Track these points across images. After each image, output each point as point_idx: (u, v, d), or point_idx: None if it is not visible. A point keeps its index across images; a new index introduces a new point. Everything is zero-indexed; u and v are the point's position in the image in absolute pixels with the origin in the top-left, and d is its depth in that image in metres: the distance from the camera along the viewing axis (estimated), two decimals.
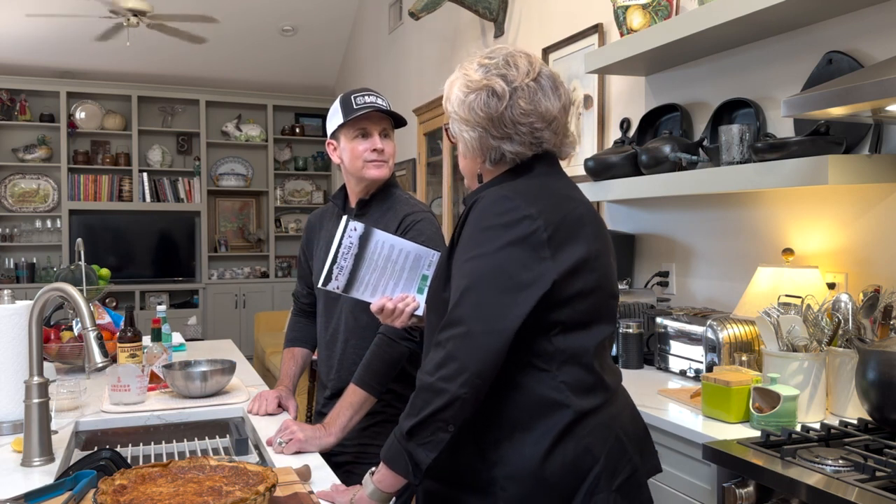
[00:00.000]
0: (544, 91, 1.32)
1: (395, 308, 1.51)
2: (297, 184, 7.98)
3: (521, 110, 1.29)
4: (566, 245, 1.25)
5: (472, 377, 1.17)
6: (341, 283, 1.51)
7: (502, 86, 1.30)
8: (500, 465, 1.24)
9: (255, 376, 2.48)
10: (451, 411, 1.18)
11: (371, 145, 1.88)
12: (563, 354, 1.26)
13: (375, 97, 1.89)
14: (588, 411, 1.26)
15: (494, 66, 1.32)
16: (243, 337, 7.25)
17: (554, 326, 1.25)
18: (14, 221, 6.96)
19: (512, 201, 1.25)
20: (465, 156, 1.38)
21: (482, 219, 1.25)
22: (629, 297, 2.68)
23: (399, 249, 1.54)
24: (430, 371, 1.20)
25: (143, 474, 1.26)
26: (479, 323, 1.18)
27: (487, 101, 1.30)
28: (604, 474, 1.25)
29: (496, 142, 1.31)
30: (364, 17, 6.59)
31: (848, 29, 2.09)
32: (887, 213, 2.00)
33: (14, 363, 1.73)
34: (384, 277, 1.53)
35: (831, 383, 1.86)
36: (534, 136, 1.31)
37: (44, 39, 6.29)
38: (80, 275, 2.79)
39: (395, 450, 1.22)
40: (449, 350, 1.18)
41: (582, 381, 1.27)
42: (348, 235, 1.50)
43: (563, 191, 1.33)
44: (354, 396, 1.73)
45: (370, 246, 1.52)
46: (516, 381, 1.26)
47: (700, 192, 2.28)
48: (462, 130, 1.34)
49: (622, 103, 3.12)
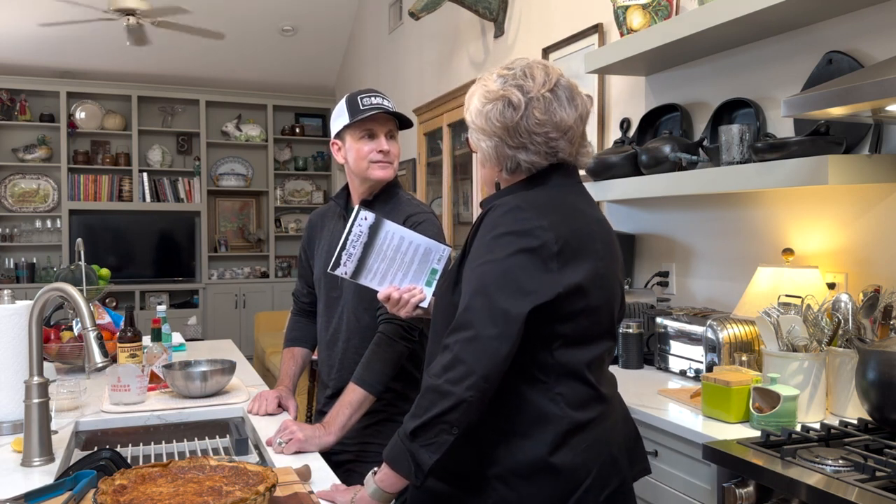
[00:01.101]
0: (560, 101, 1.34)
1: (400, 298, 1.54)
2: (297, 184, 7.98)
3: (536, 120, 1.31)
4: (574, 260, 1.26)
5: (479, 380, 1.18)
6: (349, 269, 1.54)
7: (518, 96, 1.32)
8: (494, 467, 1.27)
9: (255, 376, 2.48)
10: (456, 414, 1.19)
11: (377, 146, 1.89)
12: (563, 368, 1.28)
13: (382, 98, 1.90)
14: (583, 423, 1.29)
15: (512, 76, 1.34)
16: (243, 337, 7.25)
17: (556, 339, 1.27)
18: (14, 221, 6.96)
19: (525, 212, 1.27)
20: (484, 165, 1.41)
21: (495, 226, 1.27)
22: (629, 297, 2.68)
23: (409, 241, 1.57)
24: (437, 373, 1.21)
25: (143, 474, 1.26)
26: (486, 327, 1.20)
27: (503, 111, 1.32)
28: (593, 487, 1.27)
29: (512, 151, 1.34)
30: (364, 17, 6.59)
31: (848, 29, 2.09)
32: (887, 213, 2.00)
33: (14, 363, 1.73)
34: (392, 268, 1.56)
35: (831, 383, 1.86)
36: (549, 145, 1.33)
37: (44, 40, 6.29)
38: (80, 275, 2.80)
39: (399, 450, 1.23)
40: (456, 353, 1.20)
41: (578, 394, 1.29)
42: (358, 224, 1.53)
43: (578, 205, 1.35)
44: (353, 395, 1.74)
45: (380, 235, 1.55)
46: (516, 389, 1.28)
47: (700, 192, 2.28)
48: (480, 140, 1.37)
49: (622, 103, 3.12)
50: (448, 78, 4.87)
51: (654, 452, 1.91)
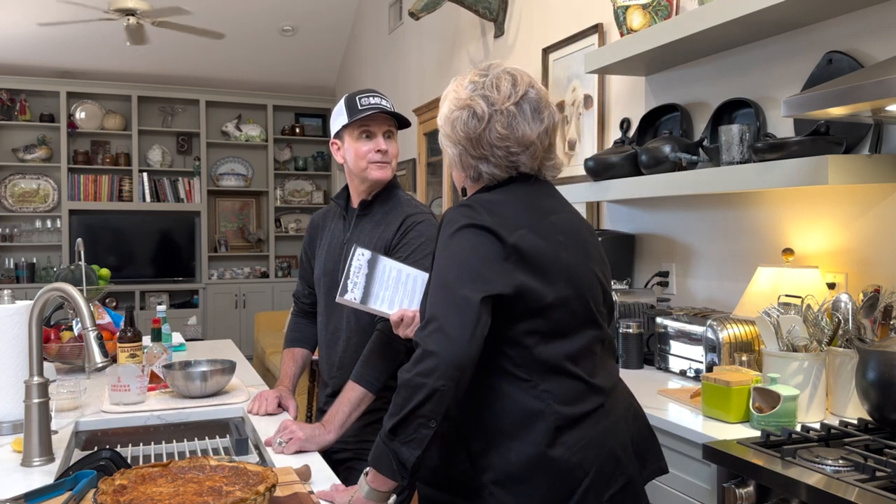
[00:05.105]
0: (524, 115, 1.34)
1: (414, 316, 1.56)
2: (297, 184, 7.97)
3: (497, 134, 1.33)
4: (531, 254, 1.27)
5: (450, 369, 1.19)
6: (358, 295, 1.58)
7: (483, 108, 1.33)
8: (489, 472, 1.27)
9: (255, 376, 2.48)
10: (430, 405, 1.19)
11: (375, 146, 1.89)
12: (545, 364, 1.28)
13: (380, 98, 1.90)
14: (576, 418, 1.28)
15: (481, 85, 1.35)
16: (243, 337, 7.25)
17: (531, 335, 1.28)
18: (14, 221, 6.96)
19: (474, 210, 1.29)
20: (452, 168, 1.44)
21: (448, 225, 1.30)
22: (629, 297, 2.69)
23: (407, 274, 1.62)
24: (409, 368, 1.22)
25: (143, 474, 1.26)
26: (450, 317, 1.21)
27: (467, 122, 1.34)
28: (593, 487, 1.27)
29: (474, 161, 1.36)
30: (364, 17, 6.59)
31: (848, 29, 2.09)
32: (887, 213, 2.00)
33: (14, 363, 1.73)
34: (398, 294, 1.60)
35: (831, 383, 1.86)
36: (509, 160, 1.35)
37: (44, 40, 6.29)
38: (80, 275, 2.80)
39: (380, 451, 1.24)
40: (425, 346, 1.21)
41: (567, 389, 1.29)
42: (357, 259, 1.58)
43: (536, 200, 1.35)
44: (353, 393, 1.74)
45: (378, 268, 1.60)
46: (500, 390, 1.28)
47: (700, 192, 2.28)
48: (445, 146, 1.40)
49: (622, 103, 3.12)
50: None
51: None
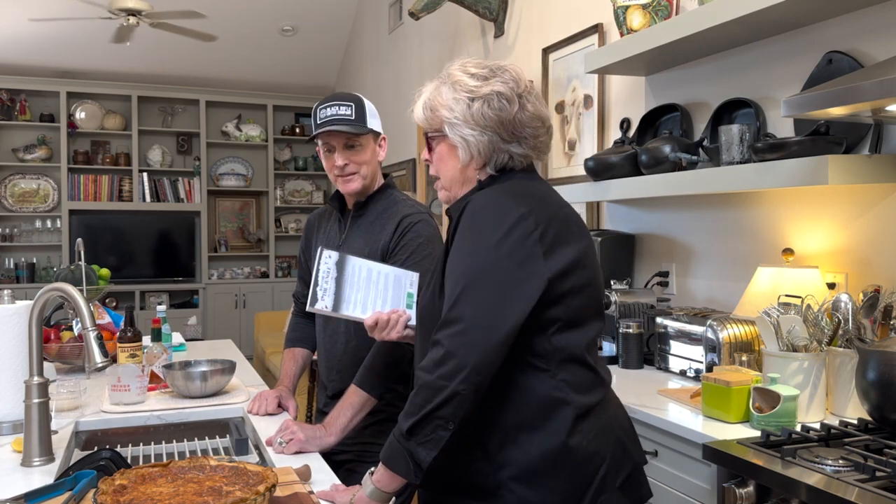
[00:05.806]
0: (539, 98, 1.38)
1: (389, 318, 1.53)
2: (297, 184, 7.97)
3: (528, 114, 1.33)
4: (558, 243, 1.26)
5: (472, 373, 1.17)
6: (329, 302, 1.55)
7: (509, 90, 1.33)
8: (507, 468, 1.25)
9: (255, 376, 2.48)
10: (450, 408, 1.18)
11: (334, 161, 1.86)
12: (562, 353, 1.27)
13: (338, 106, 1.83)
14: (591, 407, 1.28)
15: (491, 73, 1.35)
16: (243, 337, 7.25)
17: (552, 324, 1.26)
18: (14, 221, 6.96)
19: (503, 200, 1.26)
20: (464, 162, 1.35)
21: (475, 219, 1.26)
22: (629, 297, 2.68)
23: (378, 272, 1.59)
24: (429, 369, 1.20)
25: (143, 474, 1.26)
26: (477, 320, 1.19)
27: (501, 105, 1.32)
28: (609, 473, 1.27)
29: (506, 145, 1.34)
30: (364, 17, 6.59)
31: (848, 29, 2.09)
32: (887, 213, 2.00)
33: (14, 363, 1.73)
34: (370, 296, 1.57)
35: (831, 383, 1.86)
36: (538, 139, 1.36)
37: (44, 39, 6.29)
38: (80, 275, 2.79)
39: (395, 449, 1.23)
40: (447, 348, 1.19)
41: (581, 378, 1.29)
42: (324, 262, 1.56)
43: (546, 193, 1.36)
44: (355, 397, 1.74)
45: (347, 269, 1.57)
46: (518, 382, 1.27)
47: (700, 192, 2.28)
48: (469, 135, 1.32)
49: (622, 103, 3.12)
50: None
51: (654, 452, 1.91)
